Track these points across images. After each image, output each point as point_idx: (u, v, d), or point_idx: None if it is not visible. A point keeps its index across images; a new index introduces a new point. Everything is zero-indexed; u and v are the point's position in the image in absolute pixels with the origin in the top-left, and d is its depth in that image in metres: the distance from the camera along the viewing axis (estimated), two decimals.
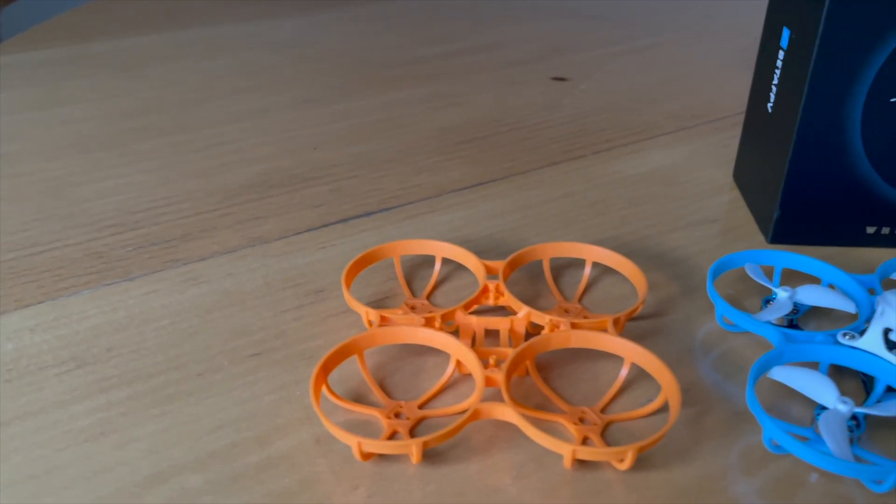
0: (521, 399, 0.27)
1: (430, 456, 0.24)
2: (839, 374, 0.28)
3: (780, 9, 0.35)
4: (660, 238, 0.36)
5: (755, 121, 0.38)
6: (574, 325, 0.28)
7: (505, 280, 0.30)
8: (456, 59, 0.61)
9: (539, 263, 0.34)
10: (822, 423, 0.23)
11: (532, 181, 0.42)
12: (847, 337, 0.26)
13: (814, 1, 0.31)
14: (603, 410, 0.26)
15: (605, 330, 0.27)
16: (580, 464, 0.24)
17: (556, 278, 0.34)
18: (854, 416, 0.25)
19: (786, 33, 0.34)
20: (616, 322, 0.28)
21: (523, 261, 0.32)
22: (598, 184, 0.42)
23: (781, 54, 0.34)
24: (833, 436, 0.22)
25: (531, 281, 0.33)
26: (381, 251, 0.32)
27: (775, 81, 0.35)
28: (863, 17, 0.30)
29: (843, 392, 0.27)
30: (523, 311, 0.29)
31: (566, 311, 0.31)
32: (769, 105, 0.35)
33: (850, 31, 0.30)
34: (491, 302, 0.30)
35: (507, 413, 0.24)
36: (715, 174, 0.42)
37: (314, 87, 0.56)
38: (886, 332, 0.25)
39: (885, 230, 0.34)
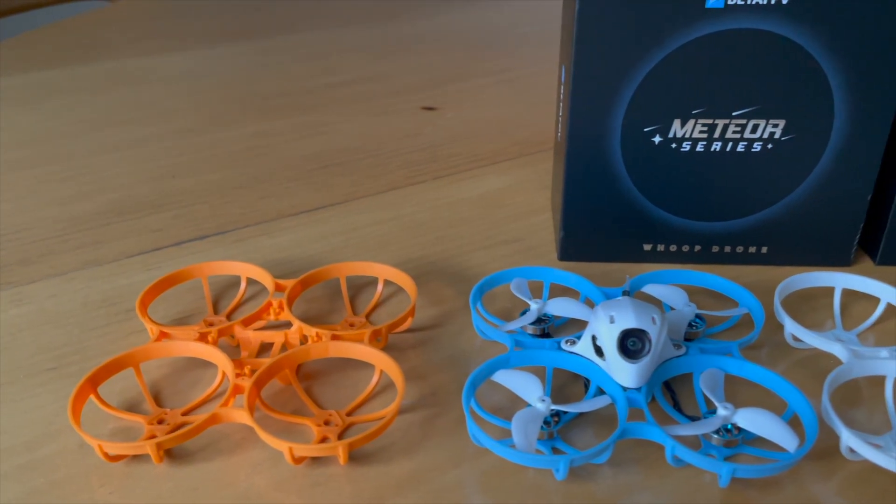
0: (281, 404, 0.29)
1: (180, 457, 0.27)
2: (575, 377, 0.31)
3: (563, 48, 0.38)
4: (464, 257, 0.39)
5: (556, 149, 0.41)
6: (335, 337, 0.30)
7: (293, 297, 0.33)
8: (337, 91, 0.64)
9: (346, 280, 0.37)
10: (514, 420, 0.26)
11: (367, 205, 0.45)
12: (568, 343, 0.29)
13: (569, 44, 0.34)
14: (349, 413, 0.29)
15: (361, 341, 0.30)
16: (313, 460, 0.27)
17: (357, 295, 0.37)
18: (557, 414, 0.28)
19: (563, 70, 0.37)
20: (377, 333, 0.31)
21: (318, 279, 0.35)
22: (428, 207, 0.45)
23: (562, 89, 0.38)
24: (521, 430, 0.25)
25: (331, 298, 0.36)
26: (187, 272, 0.35)
27: (560, 113, 0.38)
28: (607, 57, 0.33)
29: (569, 392, 0.30)
30: (296, 325, 0.31)
31: (351, 325, 0.34)
32: (559, 134, 0.39)
33: (598, 70, 0.33)
34: (272, 317, 0.33)
35: (242, 416, 0.27)
36: (536, 198, 0.45)
37: (194, 117, 0.59)
38: (594, 338, 0.28)
39: (660, 247, 0.38)
